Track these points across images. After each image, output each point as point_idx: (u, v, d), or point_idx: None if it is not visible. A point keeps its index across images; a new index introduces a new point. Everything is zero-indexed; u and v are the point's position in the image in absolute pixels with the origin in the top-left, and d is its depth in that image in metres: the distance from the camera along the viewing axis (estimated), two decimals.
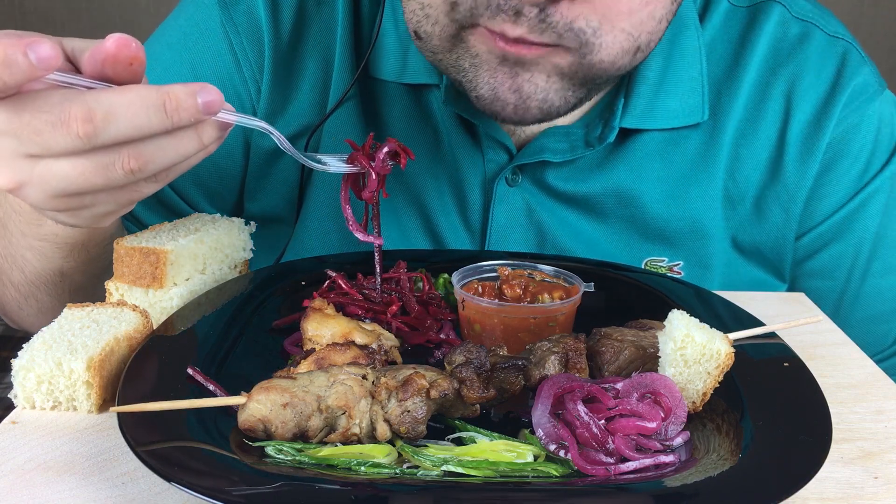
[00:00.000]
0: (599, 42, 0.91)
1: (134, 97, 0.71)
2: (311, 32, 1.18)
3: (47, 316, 1.09)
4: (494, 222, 1.16)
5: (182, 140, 0.75)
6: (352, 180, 0.95)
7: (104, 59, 0.72)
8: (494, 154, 1.15)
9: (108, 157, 0.72)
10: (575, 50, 0.91)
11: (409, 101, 1.17)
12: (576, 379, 0.76)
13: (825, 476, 0.71)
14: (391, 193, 1.19)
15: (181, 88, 0.72)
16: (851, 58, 1.18)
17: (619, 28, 0.91)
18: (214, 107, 0.74)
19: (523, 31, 0.89)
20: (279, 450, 0.70)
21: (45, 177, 0.73)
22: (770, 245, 1.20)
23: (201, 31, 1.19)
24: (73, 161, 0.73)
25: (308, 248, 1.22)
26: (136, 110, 0.71)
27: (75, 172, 0.73)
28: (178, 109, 0.72)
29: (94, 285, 1.06)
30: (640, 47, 0.96)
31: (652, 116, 1.14)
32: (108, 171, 0.73)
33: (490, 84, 0.96)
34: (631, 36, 0.93)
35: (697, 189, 1.17)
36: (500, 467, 0.69)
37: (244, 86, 1.19)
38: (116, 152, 0.72)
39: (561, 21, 0.88)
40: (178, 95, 0.72)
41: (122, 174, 0.73)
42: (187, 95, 0.72)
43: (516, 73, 0.94)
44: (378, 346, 0.83)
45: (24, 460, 0.71)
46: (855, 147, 1.16)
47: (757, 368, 0.81)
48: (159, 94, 0.71)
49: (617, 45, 0.93)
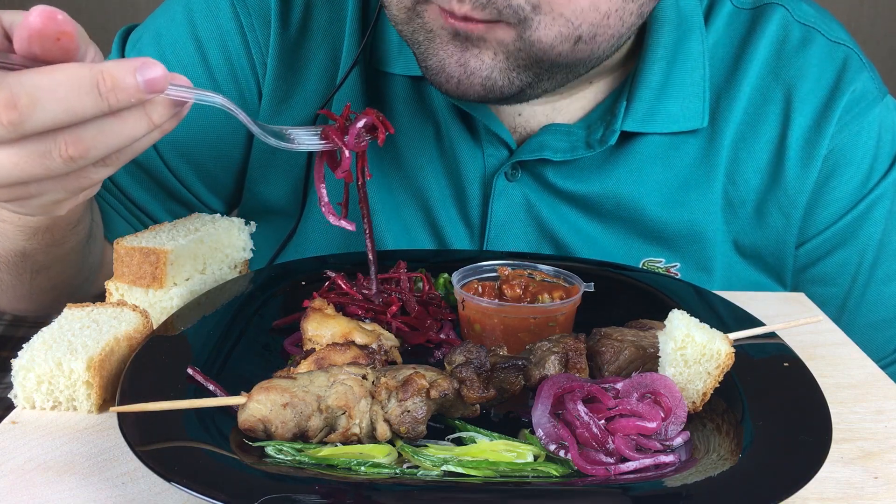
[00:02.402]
0: (538, 20, 0.92)
1: (62, 78, 0.64)
2: (321, 21, 1.18)
3: (7, 294, 1.08)
4: (494, 217, 1.17)
5: (127, 122, 0.68)
6: (327, 156, 0.90)
7: (30, 36, 0.65)
8: (494, 149, 1.15)
9: (44, 144, 0.66)
10: (515, 25, 0.92)
11: (410, 94, 1.18)
12: (576, 379, 0.76)
13: (825, 476, 0.71)
14: (394, 187, 1.19)
15: (116, 65, 0.65)
16: (852, 63, 1.17)
17: (557, 12, 0.92)
18: (158, 84, 0.67)
19: (467, 10, 0.91)
20: (279, 450, 0.70)
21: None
22: (771, 249, 1.20)
23: (209, 7, 1.17)
24: (4, 151, 0.66)
25: (312, 240, 1.21)
26: (65, 92, 0.64)
27: (10, 163, 0.67)
28: (114, 90, 0.65)
29: (59, 267, 1.04)
30: (581, 37, 0.95)
31: (653, 120, 1.14)
32: (46, 160, 0.67)
33: (439, 56, 0.97)
34: (570, 23, 0.93)
35: (697, 193, 1.17)
36: (500, 467, 0.69)
37: (252, 68, 1.18)
38: (52, 139, 0.66)
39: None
40: (113, 74, 0.65)
41: (62, 162, 0.67)
42: (125, 73, 0.65)
43: (465, 48, 0.95)
44: (378, 346, 0.83)
45: (24, 460, 0.71)
46: (856, 155, 1.16)
47: (757, 368, 0.81)
48: (91, 74, 0.64)
49: (555, 29, 0.93)
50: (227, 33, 1.17)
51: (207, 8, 1.17)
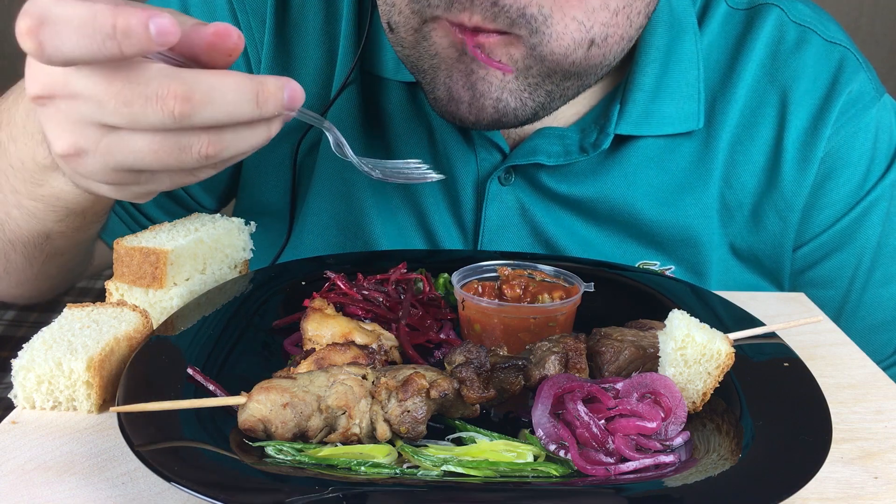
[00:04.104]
0: (550, 31, 0.91)
1: (231, 83, 0.69)
2: (317, 22, 1.18)
3: (11, 277, 1.08)
4: (487, 221, 1.16)
5: (256, 131, 0.73)
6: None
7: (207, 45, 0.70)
8: (487, 153, 1.15)
9: (189, 139, 0.70)
10: (526, 39, 0.92)
11: (404, 99, 1.18)
12: (576, 379, 0.76)
13: (825, 476, 0.71)
14: (387, 191, 1.19)
15: (273, 80, 0.71)
16: (848, 64, 1.17)
17: (570, 16, 0.91)
18: (297, 102, 0.73)
19: (478, 20, 0.90)
20: (279, 450, 0.70)
21: (114, 149, 0.70)
22: (767, 252, 1.20)
23: (207, 6, 1.18)
24: (151, 138, 0.69)
25: (307, 243, 1.21)
26: (233, 97, 0.69)
27: (149, 149, 0.70)
28: (267, 101, 0.70)
29: (72, 254, 1.04)
30: (594, 40, 0.94)
31: (647, 123, 1.13)
32: (184, 154, 0.70)
33: (446, 84, 0.97)
34: (583, 25, 0.92)
35: (692, 197, 1.16)
36: (500, 467, 0.69)
37: (247, 65, 1.19)
38: (197, 136, 0.70)
39: (513, 5, 0.89)
40: (269, 88, 0.70)
41: (197, 158, 0.71)
42: (277, 89, 0.71)
43: (471, 71, 0.95)
44: (378, 346, 0.83)
45: (24, 460, 0.71)
46: (853, 156, 1.16)
47: (757, 368, 0.81)
48: (254, 83, 0.70)
49: (568, 36, 0.92)
50: None
51: (205, 6, 1.18)
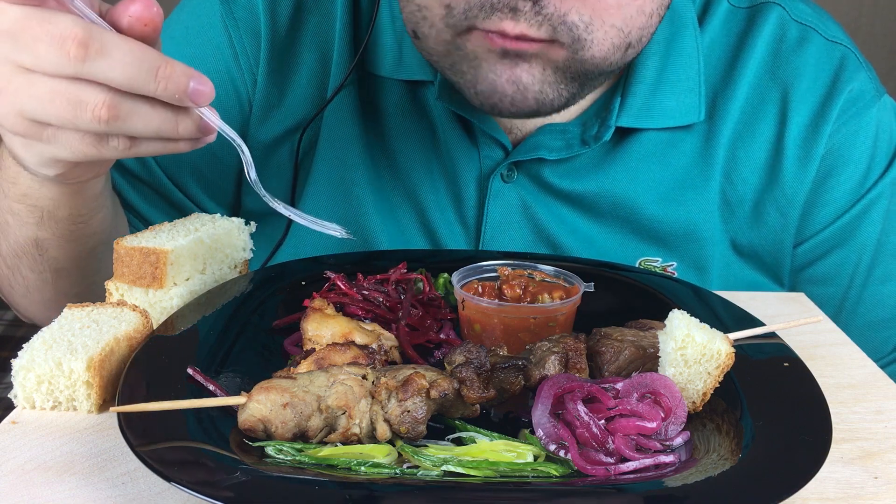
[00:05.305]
0: (591, 38, 0.94)
1: (135, 48, 0.72)
2: (310, 25, 1.19)
3: (34, 296, 1.08)
4: (489, 218, 1.17)
5: (159, 114, 0.76)
6: None
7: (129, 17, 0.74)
8: (490, 150, 1.15)
9: (86, 93, 0.73)
10: (568, 45, 0.94)
11: (404, 97, 1.18)
12: (576, 379, 0.76)
13: (825, 476, 0.70)
14: (388, 190, 1.19)
15: (181, 65, 0.74)
16: (849, 63, 1.17)
17: (609, 24, 0.93)
18: (201, 97, 0.75)
19: (523, 28, 0.92)
20: (279, 450, 0.70)
21: (20, 90, 0.74)
22: (768, 249, 1.20)
23: (203, 26, 1.19)
24: (51, 83, 0.73)
25: (306, 243, 1.21)
26: (131, 59, 0.72)
27: (45, 97, 0.73)
28: (168, 78, 0.73)
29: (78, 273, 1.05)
30: (630, 43, 0.98)
31: (649, 116, 1.14)
32: (78, 110, 0.74)
33: (490, 79, 0.98)
34: (621, 32, 0.95)
35: (693, 193, 1.17)
36: (500, 467, 0.69)
37: (241, 78, 1.19)
38: (93, 93, 0.73)
39: (555, 13, 0.91)
40: (174, 67, 0.73)
41: (90, 118, 0.74)
42: (182, 73, 0.74)
43: (515, 64, 0.96)
44: (378, 346, 0.83)
45: (24, 460, 0.71)
46: (854, 154, 1.16)
47: (757, 368, 0.81)
48: (158, 58, 0.73)
49: (608, 42, 0.95)
50: (218, 49, 1.19)
51: (201, 26, 1.19)
